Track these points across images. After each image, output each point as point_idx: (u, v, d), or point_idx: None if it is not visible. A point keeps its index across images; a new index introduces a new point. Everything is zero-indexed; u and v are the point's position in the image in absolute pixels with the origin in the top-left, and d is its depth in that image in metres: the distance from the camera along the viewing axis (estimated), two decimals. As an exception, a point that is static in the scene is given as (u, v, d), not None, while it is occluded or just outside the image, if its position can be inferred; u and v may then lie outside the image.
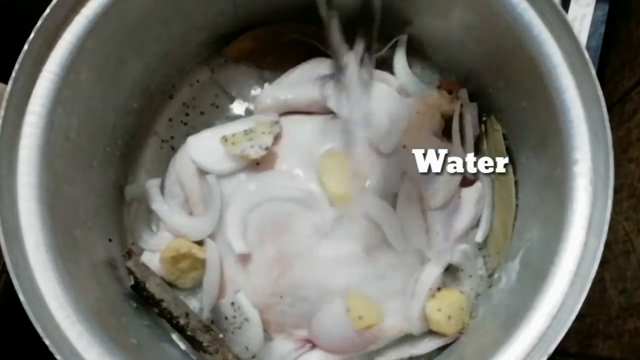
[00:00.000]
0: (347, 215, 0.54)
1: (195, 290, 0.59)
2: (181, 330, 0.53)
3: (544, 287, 0.45)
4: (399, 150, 0.56)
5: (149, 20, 0.53)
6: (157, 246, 0.58)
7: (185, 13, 0.56)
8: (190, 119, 0.64)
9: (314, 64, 0.61)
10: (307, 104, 0.59)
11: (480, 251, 0.59)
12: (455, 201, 0.58)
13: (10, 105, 0.45)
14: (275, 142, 0.56)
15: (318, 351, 0.56)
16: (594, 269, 0.43)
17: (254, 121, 0.58)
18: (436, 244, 0.56)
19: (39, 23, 0.45)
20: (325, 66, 0.60)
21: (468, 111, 0.60)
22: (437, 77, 0.64)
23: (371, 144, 0.56)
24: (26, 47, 0.45)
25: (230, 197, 0.55)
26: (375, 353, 0.57)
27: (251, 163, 0.56)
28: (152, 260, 0.58)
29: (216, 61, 0.65)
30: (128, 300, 0.54)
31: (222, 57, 0.64)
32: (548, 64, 0.47)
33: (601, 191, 0.45)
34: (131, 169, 0.62)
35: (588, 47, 0.65)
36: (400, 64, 0.63)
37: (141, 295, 0.54)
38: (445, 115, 0.60)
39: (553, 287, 0.44)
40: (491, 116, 0.60)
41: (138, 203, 0.61)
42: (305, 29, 0.63)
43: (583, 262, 0.44)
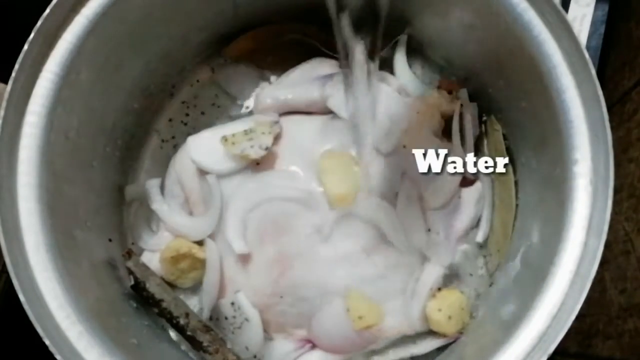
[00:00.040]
0: (347, 215, 0.54)
1: (195, 290, 0.59)
2: (181, 330, 0.53)
3: (544, 287, 0.45)
4: (399, 150, 0.56)
5: (149, 20, 0.53)
6: (157, 246, 0.58)
7: (185, 13, 0.56)
8: (190, 119, 0.64)
9: (314, 64, 0.61)
10: (307, 104, 0.59)
11: (480, 251, 0.59)
12: (455, 201, 0.58)
13: (10, 105, 0.45)
14: (275, 142, 0.56)
15: (318, 351, 0.56)
16: (594, 269, 0.43)
17: (254, 121, 0.58)
18: (437, 244, 0.56)
19: (39, 23, 0.45)
20: (325, 66, 0.60)
21: (468, 111, 0.60)
22: (437, 77, 0.64)
23: (371, 144, 0.56)
24: (26, 47, 0.45)
25: (230, 197, 0.55)
26: (375, 353, 0.57)
27: (251, 163, 0.56)
28: (152, 260, 0.58)
29: (216, 61, 0.65)
30: (128, 300, 0.54)
31: (222, 57, 0.64)
32: (548, 64, 0.47)
33: (601, 191, 0.45)
34: (131, 169, 0.62)
35: (588, 47, 0.65)
36: (400, 64, 0.63)
37: (141, 295, 0.54)
38: (445, 115, 0.60)
39: (553, 287, 0.44)
40: (491, 116, 0.60)
41: (138, 203, 0.61)
42: (305, 29, 0.63)
43: (583, 262, 0.44)
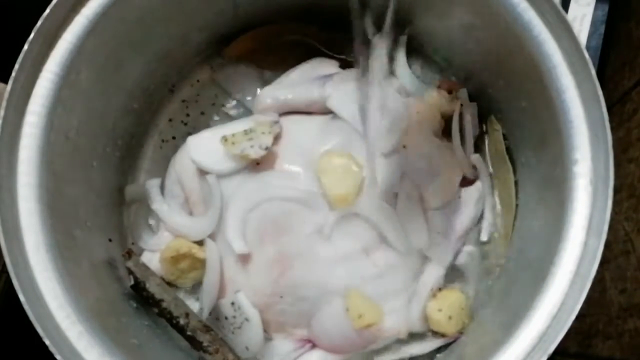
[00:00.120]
0: (347, 215, 0.54)
1: (195, 290, 0.59)
2: (181, 330, 0.53)
3: (544, 287, 0.45)
4: (399, 150, 0.56)
5: (149, 20, 0.53)
6: (157, 246, 0.58)
7: (185, 13, 0.56)
8: (190, 119, 0.64)
9: (314, 64, 0.61)
10: (307, 104, 0.59)
11: (480, 251, 0.59)
12: (455, 201, 0.58)
13: (10, 105, 0.45)
14: (275, 142, 0.56)
15: (318, 351, 0.56)
16: (594, 269, 0.43)
17: (254, 121, 0.58)
18: (437, 244, 0.56)
19: (39, 23, 0.45)
20: (325, 66, 0.60)
21: (468, 111, 0.60)
22: (437, 77, 0.64)
23: (371, 144, 0.56)
24: (26, 47, 0.45)
25: (230, 197, 0.55)
26: (375, 353, 0.57)
27: (251, 163, 0.56)
28: (152, 260, 0.58)
29: (216, 61, 0.65)
30: (128, 300, 0.54)
31: (222, 57, 0.64)
32: (548, 64, 0.47)
33: (601, 191, 0.45)
34: (131, 169, 0.62)
35: (588, 47, 0.65)
36: (400, 64, 0.63)
37: (141, 295, 0.54)
38: (445, 115, 0.60)
39: (553, 287, 0.44)
40: (491, 116, 0.60)
41: (138, 203, 0.61)
42: (305, 29, 0.63)
43: (583, 262, 0.44)
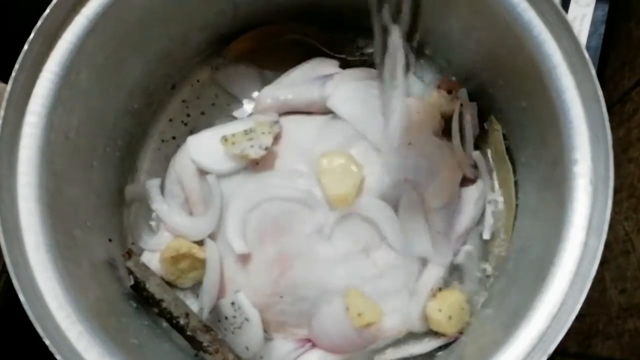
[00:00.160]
0: (347, 215, 0.54)
1: (195, 290, 0.59)
2: (181, 330, 0.53)
3: (544, 287, 0.45)
4: (400, 150, 0.56)
5: (149, 20, 0.53)
6: (157, 246, 0.58)
7: (185, 13, 0.56)
8: (190, 119, 0.64)
9: (314, 64, 0.61)
10: (307, 104, 0.59)
11: (480, 251, 0.59)
12: (455, 201, 0.58)
13: (10, 105, 0.45)
14: (275, 142, 0.56)
15: (318, 351, 0.56)
16: (594, 269, 0.43)
17: (254, 121, 0.58)
18: (438, 244, 0.56)
19: (39, 23, 0.45)
20: (325, 66, 0.60)
21: (468, 111, 0.60)
22: (437, 77, 0.64)
23: (371, 144, 0.56)
24: (26, 47, 0.45)
25: (230, 197, 0.55)
26: (375, 352, 0.57)
27: (251, 163, 0.56)
28: (152, 260, 0.58)
29: (216, 61, 0.65)
30: (128, 300, 0.54)
31: (222, 57, 0.64)
32: (548, 64, 0.47)
33: (601, 191, 0.45)
34: (131, 169, 0.62)
35: (588, 47, 0.65)
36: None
37: (141, 295, 0.54)
38: (445, 115, 0.60)
39: (553, 287, 0.44)
40: (491, 116, 0.60)
41: (138, 203, 0.61)
42: (305, 29, 0.63)
43: (583, 262, 0.44)
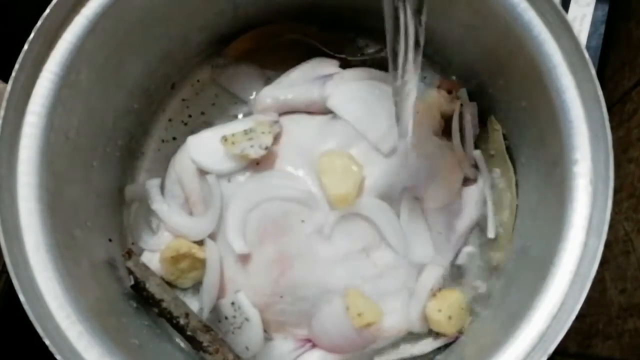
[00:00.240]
0: (347, 215, 0.54)
1: (195, 290, 0.59)
2: (181, 330, 0.53)
3: (544, 287, 0.45)
4: (400, 150, 0.56)
5: (149, 20, 0.53)
6: (157, 246, 0.58)
7: (185, 13, 0.56)
8: (190, 119, 0.64)
9: (314, 64, 0.61)
10: (307, 104, 0.59)
11: (480, 251, 0.59)
12: (456, 201, 0.58)
13: (10, 105, 0.45)
14: (275, 142, 0.56)
15: (318, 351, 0.56)
16: (594, 269, 0.43)
17: (254, 121, 0.58)
18: (438, 244, 0.56)
19: (39, 23, 0.45)
20: (325, 66, 0.60)
21: (468, 111, 0.60)
22: (437, 77, 0.64)
23: (371, 144, 0.56)
24: (26, 47, 0.45)
25: (230, 197, 0.55)
26: (375, 353, 0.57)
27: (251, 163, 0.56)
28: (152, 260, 0.58)
29: (216, 61, 0.65)
30: (128, 300, 0.54)
31: (222, 57, 0.64)
32: (548, 64, 0.47)
33: (601, 191, 0.45)
34: (131, 169, 0.62)
35: (588, 47, 0.65)
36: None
37: (141, 295, 0.54)
38: (445, 115, 0.60)
39: (553, 287, 0.44)
40: (491, 116, 0.60)
41: (138, 203, 0.61)
42: (305, 29, 0.63)
43: (583, 262, 0.44)
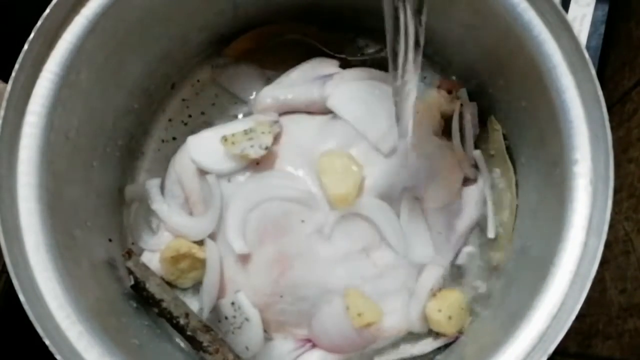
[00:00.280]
0: (347, 215, 0.54)
1: (195, 290, 0.59)
2: (181, 330, 0.53)
3: (544, 287, 0.45)
4: (400, 150, 0.56)
5: (149, 20, 0.53)
6: (157, 246, 0.58)
7: (185, 13, 0.56)
8: (190, 119, 0.64)
9: (314, 64, 0.61)
10: (307, 104, 0.59)
11: (480, 251, 0.59)
12: (456, 201, 0.58)
13: (10, 105, 0.45)
14: (275, 142, 0.56)
15: (318, 351, 0.56)
16: (594, 269, 0.43)
17: (254, 121, 0.58)
18: (438, 245, 0.56)
19: (39, 23, 0.45)
20: (325, 66, 0.60)
21: (468, 111, 0.60)
22: (437, 77, 0.64)
23: (371, 144, 0.56)
24: (26, 47, 0.45)
25: (230, 197, 0.55)
26: (375, 353, 0.57)
27: (251, 163, 0.56)
28: (152, 260, 0.58)
29: (216, 61, 0.65)
30: (128, 300, 0.54)
31: (222, 57, 0.64)
32: (548, 64, 0.47)
33: (601, 191, 0.45)
34: (131, 169, 0.62)
35: (588, 47, 0.65)
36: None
37: (141, 295, 0.54)
38: (445, 115, 0.60)
39: (553, 287, 0.44)
40: (491, 116, 0.60)
41: (138, 203, 0.61)
42: (305, 29, 0.63)
43: (583, 262, 0.44)
